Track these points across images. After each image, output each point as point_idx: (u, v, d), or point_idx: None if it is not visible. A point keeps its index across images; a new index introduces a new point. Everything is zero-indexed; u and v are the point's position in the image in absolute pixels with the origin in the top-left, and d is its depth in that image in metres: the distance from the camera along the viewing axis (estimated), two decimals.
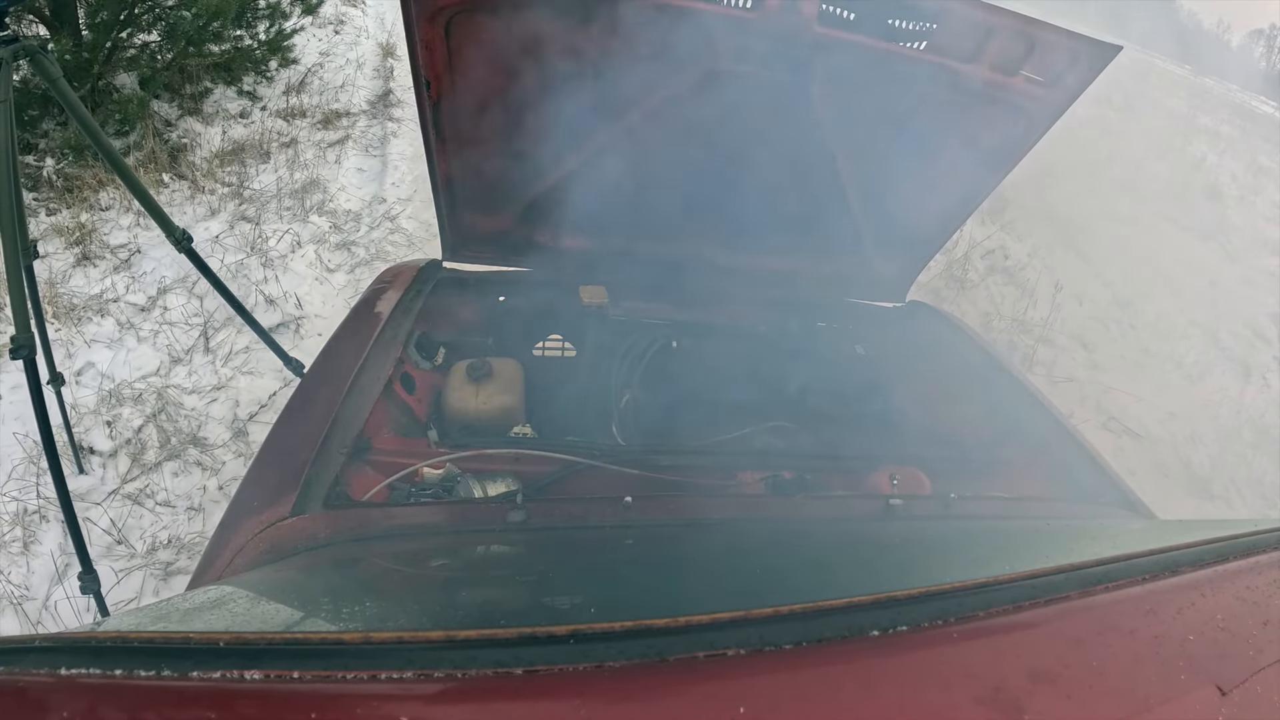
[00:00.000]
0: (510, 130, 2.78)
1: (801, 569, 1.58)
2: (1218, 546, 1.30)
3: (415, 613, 1.33)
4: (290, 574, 1.60)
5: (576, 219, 3.11)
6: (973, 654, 0.93)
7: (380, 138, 7.43)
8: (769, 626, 0.87)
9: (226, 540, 1.87)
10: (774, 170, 2.98)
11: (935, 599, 0.97)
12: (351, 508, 1.88)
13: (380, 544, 1.73)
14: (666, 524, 1.84)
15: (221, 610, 1.25)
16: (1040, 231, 7.40)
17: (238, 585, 1.46)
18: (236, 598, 1.33)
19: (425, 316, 2.96)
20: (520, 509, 1.81)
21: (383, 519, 1.82)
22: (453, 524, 1.82)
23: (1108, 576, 1.12)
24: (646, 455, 2.26)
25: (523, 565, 1.68)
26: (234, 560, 1.79)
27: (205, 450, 4.29)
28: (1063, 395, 5.72)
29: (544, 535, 1.78)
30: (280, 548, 1.76)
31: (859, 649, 0.89)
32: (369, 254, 5.92)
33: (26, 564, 3.69)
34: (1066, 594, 1.06)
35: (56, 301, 5.08)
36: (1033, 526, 2.05)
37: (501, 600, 1.40)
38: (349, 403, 2.28)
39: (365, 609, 1.36)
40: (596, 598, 1.38)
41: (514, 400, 2.66)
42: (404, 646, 0.81)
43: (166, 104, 7.18)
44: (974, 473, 2.54)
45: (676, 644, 0.83)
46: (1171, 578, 1.18)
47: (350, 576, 1.58)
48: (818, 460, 2.41)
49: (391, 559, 1.68)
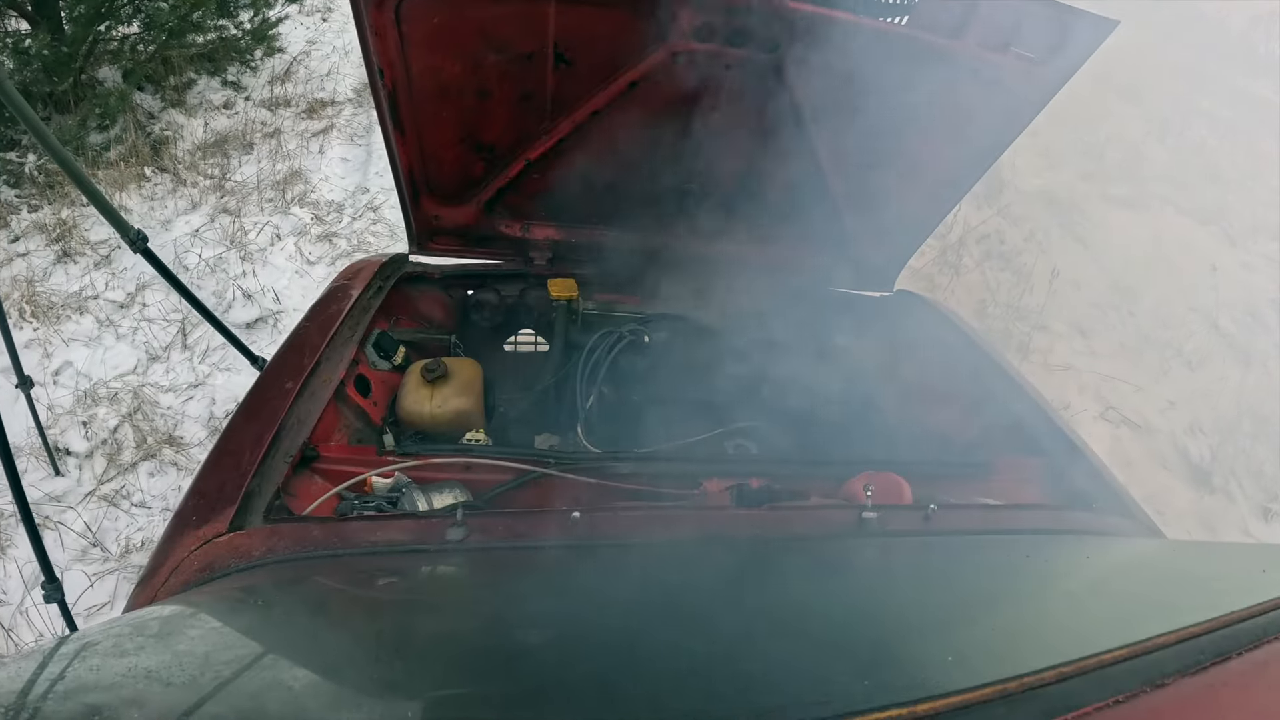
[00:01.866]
0: (471, 117, 2.69)
1: (757, 603, 1.44)
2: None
3: (335, 662, 1.22)
4: (222, 600, 1.51)
5: (545, 208, 3.03)
6: None
7: (365, 126, 7.34)
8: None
9: (165, 556, 1.79)
10: (752, 156, 2.88)
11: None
12: (289, 522, 1.79)
13: (317, 564, 1.65)
14: (616, 544, 1.73)
15: (151, 637, 1.17)
16: (1037, 215, 7.27)
17: (163, 612, 1.38)
18: (175, 622, 1.25)
19: (387, 311, 2.87)
20: (459, 525, 1.72)
21: (319, 536, 1.72)
22: (391, 541, 1.72)
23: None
24: (604, 463, 2.16)
25: (461, 592, 1.58)
26: (169, 579, 1.71)
27: (181, 450, 4.23)
28: (1060, 384, 5.61)
29: (483, 555, 1.68)
30: (215, 566, 1.67)
31: None
32: (351, 245, 5.85)
33: (1, 568, 3.64)
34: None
35: (35, 300, 5.04)
36: (1019, 546, 1.92)
37: (435, 639, 1.29)
38: (297, 408, 2.19)
39: (289, 648, 1.27)
40: (531, 643, 1.26)
41: (470, 403, 2.56)
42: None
43: (150, 96, 7.10)
44: (959, 477, 2.42)
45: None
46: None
47: (275, 607, 1.48)
48: (790, 465, 2.31)
49: (326, 581, 1.59)
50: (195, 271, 5.36)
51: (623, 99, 2.67)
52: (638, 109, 2.70)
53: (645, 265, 3.18)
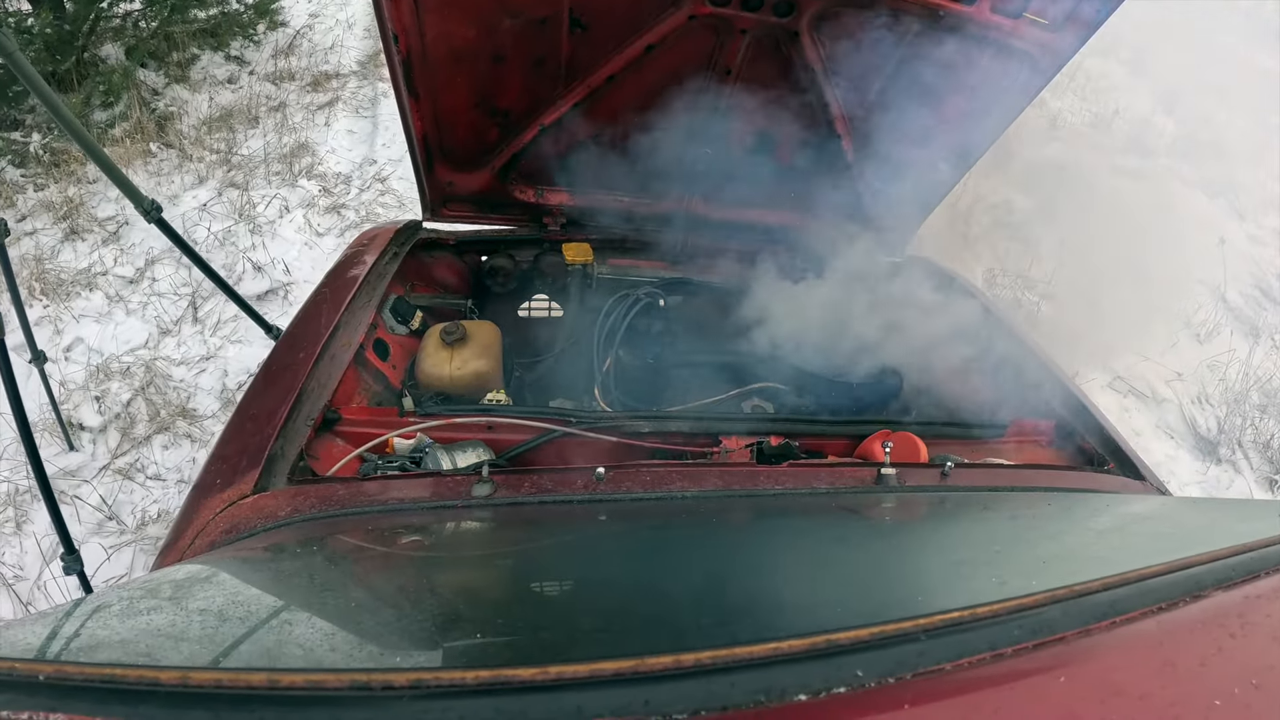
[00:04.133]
0: (486, 83, 2.68)
1: (771, 556, 1.45)
2: (1246, 559, 1.07)
3: (382, 617, 1.23)
4: (246, 557, 1.52)
5: (560, 174, 3.02)
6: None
7: (371, 98, 7.30)
8: (659, 688, 0.70)
9: (189, 519, 1.81)
10: (766, 121, 2.87)
11: (887, 645, 0.77)
12: (314, 483, 1.80)
13: (342, 521, 1.65)
14: (641, 497, 1.74)
15: (165, 599, 1.18)
16: (1046, 186, 7.23)
17: (194, 568, 1.38)
18: (188, 584, 1.25)
19: (403, 278, 2.87)
20: (486, 482, 1.73)
21: (345, 495, 1.74)
22: (417, 499, 1.73)
23: (1110, 609, 0.90)
24: (625, 421, 2.16)
25: (489, 544, 1.59)
26: (194, 541, 1.72)
27: (194, 422, 4.23)
28: (1067, 353, 5.60)
29: (511, 511, 1.69)
30: (240, 527, 1.69)
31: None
32: (359, 216, 5.83)
33: (19, 544, 3.66)
34: (1057, 636, 0.85)
35: (44, 278, 5.04)
36: (1036, 501, 1.92)
37: (461, 591, 1.29)
38: (317, 372, 2.20)
39: (309, 601, 1.27)
40: (562, 587, 1.28)
41: (490, 365, 2.56)
42: (224, 691, 0.70)
43: (153, 73, 7.06)
44: (973, 438, 2.43)
45: (534, 709, 0.68)
46: (1192, 605, 0.96)
47: (298, 561, 1.49)
48: (808, 425, 2.31)
49: (350, 538, 1.59)
50: (204, 245, 5.35)
51: (638, 64, 2.66)
52: (653, 74, 2.69)
53: (660, 230, 3.17)
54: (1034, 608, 0.86)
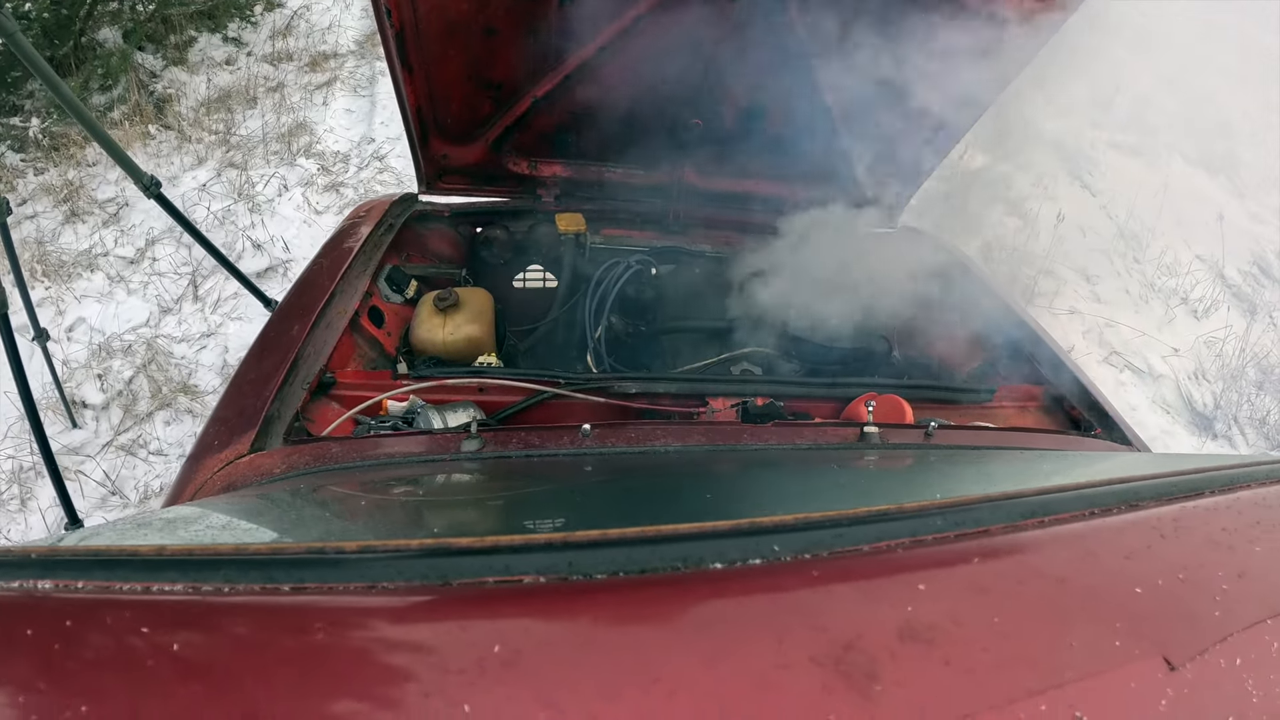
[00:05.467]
0: (479, 55, 2.70)
1: (755, 495, 1.50)
2: (1191, 479, 1.09)
3: (353, 529, 1.28)
4: (237, 501, 1.56)
5: (553, 145, 3.05)
6: (832, 600, 0.75)
7: (369, 77, 7.31)
8: (584, 554, 0.75)
9: (189, 478, 1.85)
10: (757, 90, 2.89)
11: (808, 529, 0.80)
12: (309, 442, 1.84)
13: (335, 476, 1.70)
14: (625, 452, 1.78)
15: (155, 530, 1.22)
16: (1044, 161, 7.23)
17: (186, 508, 1.42)
18: (179, 520, 1.30)
19: (398, 249, 2.90)
20: (475, 438, 1.76)
21: (339, 452, 1.78)
22: (408, 454, 1.77)
23: (1041, 509, 0.93)
24: (613, 383, 2.20)
25: (473, 490, 1.63)
26: (193, 498, 1.77)
27: (196, 397, 4.28)
28: (1064, 328, 5.63)
29: (499, 463, 1.73)
30: (237, 484, 1.74)
31: (687, 585, 0.75)
32: (358, 194, 5.85)
33: (25, 520, 3.72)
34: (982, 529, 0.87)
35: (46, 260, 5.08)
36: (1013, 456, 1.95)
37: (439, 517, 1.36)
38: (313, 338, 2.24)
39: (306, 526, 1.33)
40: (506, 520, 1.35)
41: (481, 330, 2.60)
42: (285, 557, 0.75)
43: (151, 56, 7.07)
44: (960, 402, 2.46)
45: (467, 567, 0.73)
46: (1126, 513, 0.98)
47: (297, 502, 1.53)
48: (794, 386, 2.34)
49: (344, 489, 1.64)
50: (204, 224, 5.37)
51: (629, 34, 2.67)
52: (644, 45, 2.70)
53: (652, 200, 3.20)
54: (963, 505, 0.89)
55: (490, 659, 0.65)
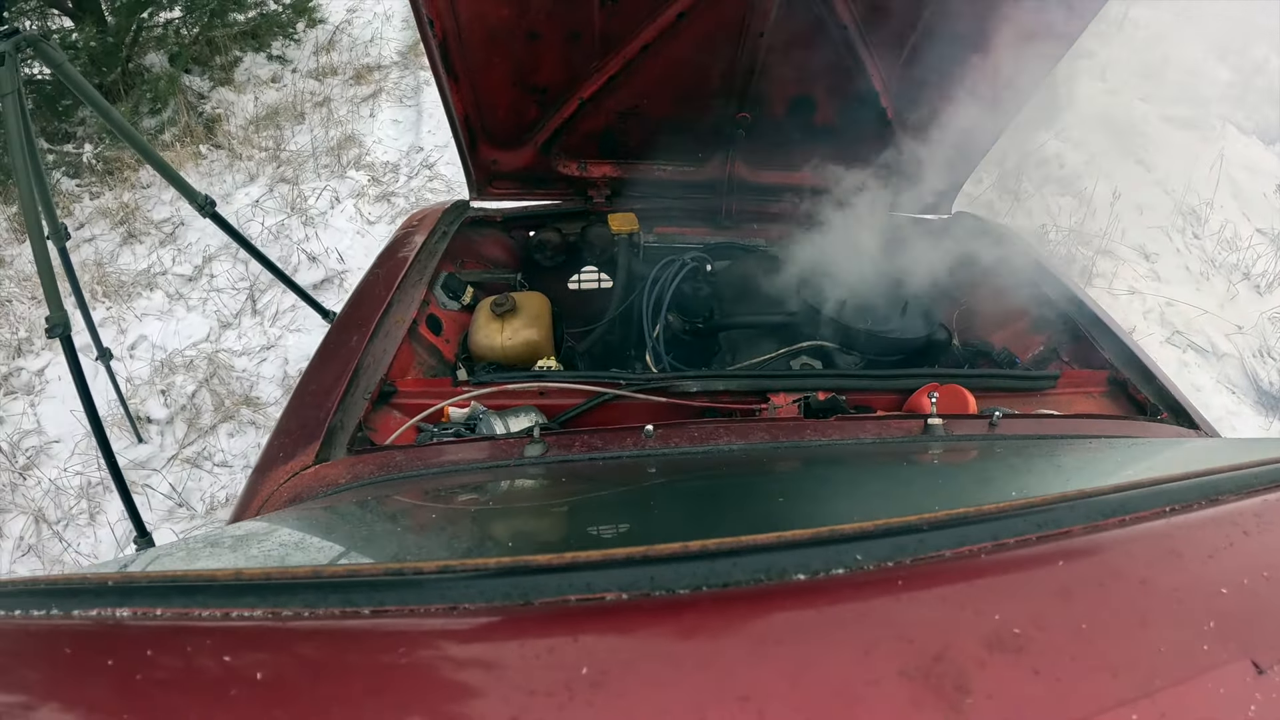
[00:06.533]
0: (523, 60, 2.70)
1: (826, 496, 1.48)
2: (1270, 469, 1.05)
3: (427, 545, 1.28)
4: (307, 515, 1.58)
5: (602, 146, 3.04)
6: (917, 608, 0.75)
7: (413, 88, 7.39)
8: (665, 568, 0.73)
9: (254, 491, 1.87)
10: (804, 81, 2.86)
11: (889, 535, 0.79)
12: (372, 451, 1.86)
13: (400, 484, 1.71)
14: (689, 452, 1.77)
15: (226, 549, 1.23)
16: (1096, 138, 7.06)
17: (255, 524, 1.44)
18: (248, 537, 1.31)
19: (453, 256, 2.92)
20: (538, 442, 1.77)
21: (403, 460, 1.79)
22: (471, 461, 1.78)
23: (1120, 507, 0.90)
24: (673, 382, 2.19)
25: (539, 496, 1.63)
26: (261, 510, 1.79)
27: (258, 409, 4.35)
28: (1124, 308, 5.51)
29: (564, 467, 1.72)
30: (303, 495, 1.75)
31: (772, 598, 0.74)
32: (409, 203, 5.91)
33: (94, 534, 3.81)
34: (1063, 530, 0.85)
35: (105, 281, 5.20)
36: (1083, 447, 1.91)
37: (507, 527, 1.35)
38: (373, 348, 2.26)
39: (378, 542, 1.33)
40: (584, 527, 1.33)
41: (540, 334, 2.61)
42: (361, 579, 0.75)
43: (198, 77, 7.23)
44: (1023, 390, 2.41)
45: (547, 585, 0.72)
46: (1206, 509, 0.94)
47: (366, 514, 1.55)
48: (856, 380, 2.31)
49: (410, 497, 1.65)
50: (259, 239, 5.46)
51: (672, 30, 2.66)
52: (688, 40, 2.68)
53: (703, 196, 3.18)
54: (1042, 506, 0.87)
55: (578, 681, 0.64)
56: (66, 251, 3.45)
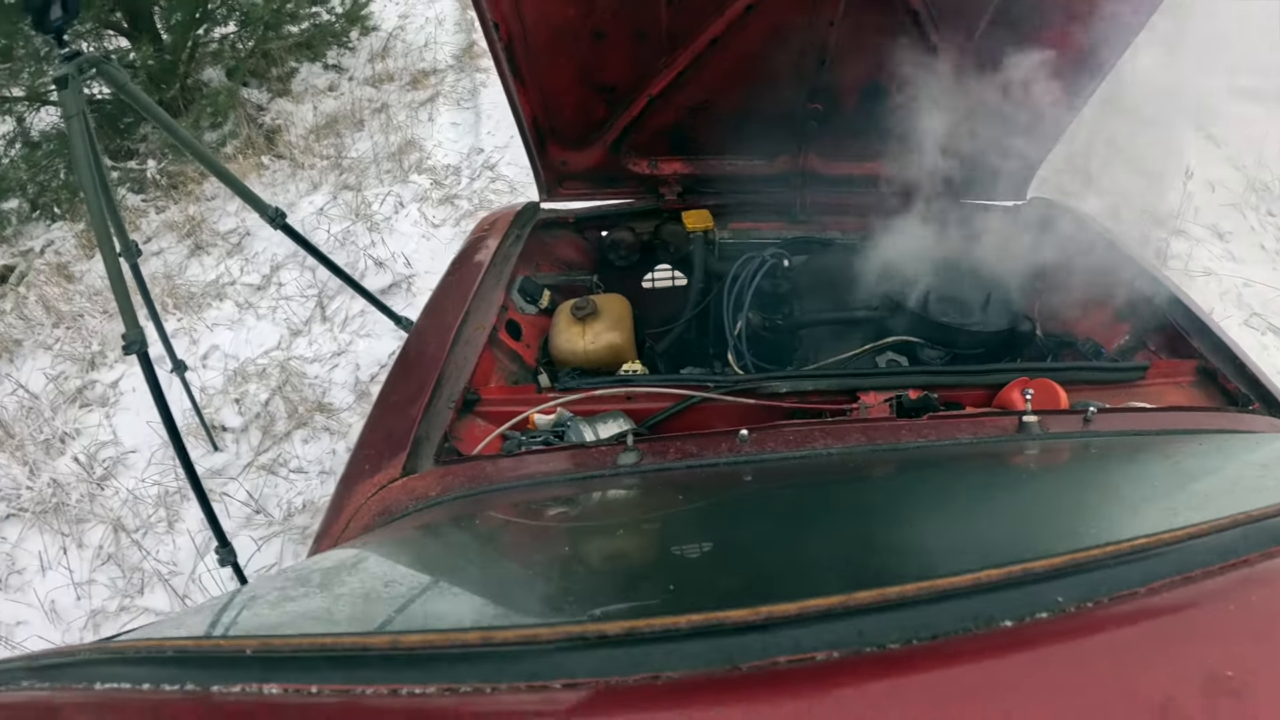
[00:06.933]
0: (589, 60, 2.68)
1: (928, 503, 1.44)
2: None
3: (518, 578, 1.23)
4: (399, 537, 1.57)
5: (672, 142, 3.01)
6: (1129, 653, 0.72)
7: (470, 90, 7.39)
8: (870, 620, 0.69)
9: (341, 505, 1.87)
10: (874, 69, 2.81)
11: (1081, 571, 0.75)
12: (460, 462, 1.84)
13: (488, 499, 1.69)
14: (785, 457, 1.72)
15: (348, 574, 1.22)
16: (1164, 115, 6.89)
17: (346, 553, 1.43)
18: (338, 570, 1.29)
19: (527, 259, 2.91)
20: (632, 450, 1.74)
21: (492, 471, 1.77)
22: (564, 471, 1.75)
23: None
24: (762, 383, 2.14)
25: (638, 510, 1.60)
26: (349, 524, 1.78)
27: (331, 415, 4.39)
28: (1201, 291, 5.34)
29: (658, 476, 1.69)
30: (393, 509, 1.74)
31: (984, 647, 0.70)
32: (472, 205, 5.91)
33: (173, 541, 3.87)
34: (1242, 558, 0.81)
35: (175, 293, 5.29)
36: (1186, 444, 1.85)
37: (599, 564, 1.29)
38: (454, 356, 2.25)
39: (470, 572, 1.30)
40: (713, 546, 1.28)
41: (622, 337, 2.59)
42: (432, 651, 0.70)
43: (255, 90, 7.33)
44: (1111, 382, 2.34)
45: (751, 646, 0.67)
46: None
47: (457, 535, 1.53)
48: (944, 376, 2.26)
49: (503, 512, 1.63)
50: (325, 246, 5.47)
51: (740, 23, 2.61)
52: (756, 32, 2.64)
53: (777, 190, 3.14)
54: (1213, 532, 0.83)
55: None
56: (138, 268, 3.50)
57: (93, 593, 3.68)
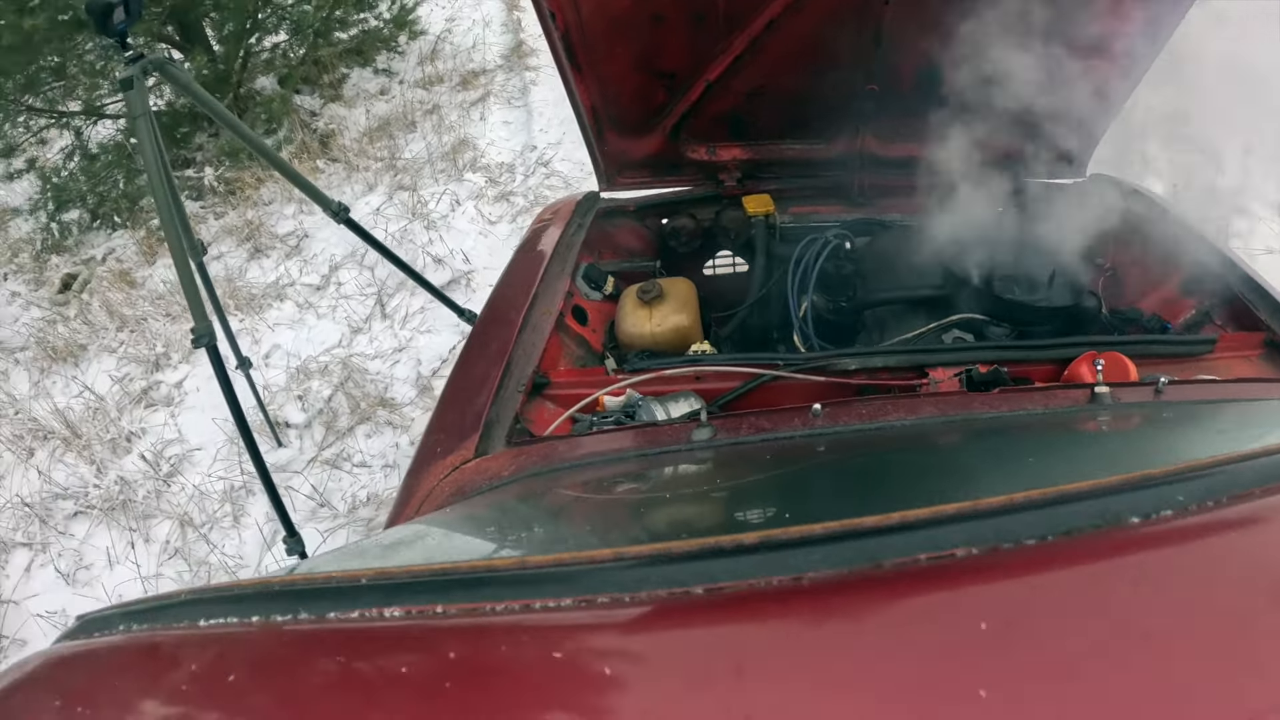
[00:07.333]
0: (647, 46, 2.69)
1: (1010, 466, 1.44)
2: None
3: (594, 534, 1.26)
4: (476, 509, 1.59)
5: (729, 128, 3.01)
6: (1255, 539, 0.74)
7: (520, 88, 7.43)
8: (1004, 519, 0.70)
9: (414, 488, 1.89)
10: (930, 48, 2.78)
11: (1201, 476, 0.76)
12: (533, 443, 1.86)
13: (565, 475, 1.70)
14: (860, 429, 1.72)
15: (406, 547, 1.23)
16: (1221, 89, 6.74)
17: (423, 523, 1.46)
18: (423, 534, 1.31)
19: (589, 248, 2.92)
20: (706, 426, 1.74)
21: (565, 450, 1.78)
22: (636, 448, 1.76)
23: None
24: (831, 361, 2.14)
25: (712, 481, 1.61)
26: (422, 505, 1.81)
27: (394, 410, 4.45)
28: (1263, 269, 5.18)
29: (732, 450, 1.70)
30: (467, 488, 1.76)
31: (1118, 540, 0.71)
32: (528, 201, 5.95)
33: (238, 535, 3.95)
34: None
35: (237, 295, 5.38)
36: (1257, 409, 1.82)
37: (690, 517, 1.31)
38: (522, 341, 2.27)
39: (547, 534, 1.32)
40: (791, 507, 1.28)
41: (689, 319, 2.59)
42: (564, 570, 0.70)
43: (308, 96, 7.45)
44: (1179, 355, 2.30)
45: (891, 545, 0.67)
46: None
47: (534, 506, 1.54)
48: (1012, 351, 2.24)
49: (576, 488, 1.65)
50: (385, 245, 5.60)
51: (796, 5, 2.60)
52: (812, 14, 2.62)
53: (836, 173, 3.12)
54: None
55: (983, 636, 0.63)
56: (204, 266, 3.58)
57: (160, 586, 3.76)
